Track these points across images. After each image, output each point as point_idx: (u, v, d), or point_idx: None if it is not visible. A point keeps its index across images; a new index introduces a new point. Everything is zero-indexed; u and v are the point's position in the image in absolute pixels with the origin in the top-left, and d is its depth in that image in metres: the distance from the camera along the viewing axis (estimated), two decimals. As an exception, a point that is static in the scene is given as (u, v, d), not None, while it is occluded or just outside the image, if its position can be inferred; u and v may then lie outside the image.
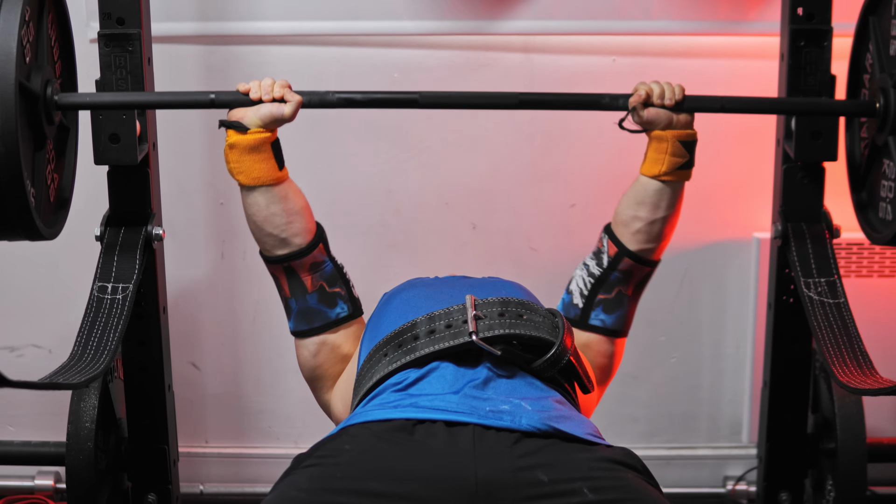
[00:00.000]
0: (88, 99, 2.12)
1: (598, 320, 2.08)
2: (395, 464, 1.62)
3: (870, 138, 2.15)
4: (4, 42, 1.82)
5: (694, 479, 2.91)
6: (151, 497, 2.48)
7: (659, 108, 2.03)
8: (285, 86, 2.02)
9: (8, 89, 1.81)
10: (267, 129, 2.00)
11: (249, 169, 2.00)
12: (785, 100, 2.35)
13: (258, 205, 2.02)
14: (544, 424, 1.70)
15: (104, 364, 2.01)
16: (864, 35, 2.18)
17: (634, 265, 2.07)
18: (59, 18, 2.09)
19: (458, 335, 1.84)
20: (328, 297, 2.06)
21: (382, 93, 2.15)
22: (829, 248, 2.30)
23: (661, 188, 2.04)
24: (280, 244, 2.03)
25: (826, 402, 2.50)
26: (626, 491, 1.61)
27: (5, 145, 1.81)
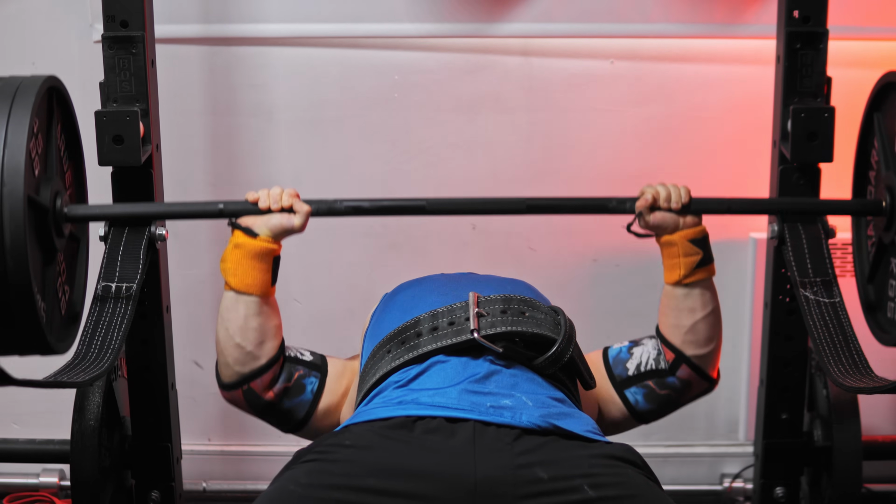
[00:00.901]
0: (98, 211, 2.09)
1: (633, 397, 2.04)
2: (395, 461, 1.62)
3: (876, 236, 2.12)
4: (13, 157, 1.78)
5: (691, 476, 2.91)
6: (155, 494, 2.48)
7: (665, 211, 2.00)
8: (293, 195, 2.00)
9: (17, 204, 1.77)
10: (275, 239, 1.98)
11: (245, 274, 1.96)
12: (792, 200, 2.30)
13: (237, 312, 1.97)
14: (544, 421, 1.70)
15: (108, 363, 2.01)
16: (869, 131, 2.17)
17: (694, 376, 2.02)
18: (67, 128, 2.06)
19: (460, 332, 1.84)
20: (295, 389, 2.03)
21: (390, 200, 2.13)
22: (824, 248, 2.29)
23: (689, 292, 2.00)
24: (244, 359, 1.99)
25: (822, 401, 2.50)
26: (627, 487, 1.60)
27: (15, 261, 1.77)
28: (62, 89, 2.02)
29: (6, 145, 1.79)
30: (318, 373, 2.04)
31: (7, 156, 1.78)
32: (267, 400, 2.00)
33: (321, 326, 2.83)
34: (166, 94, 2.44)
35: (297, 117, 2.76)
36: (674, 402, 2.05)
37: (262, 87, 2.74)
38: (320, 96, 2.74)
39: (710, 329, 2.01)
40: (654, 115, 2.76)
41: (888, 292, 2.09)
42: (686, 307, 1.99)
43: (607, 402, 2.06)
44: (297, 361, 2.04)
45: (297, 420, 2.06)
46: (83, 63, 2.67)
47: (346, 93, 2.74)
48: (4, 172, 1.77)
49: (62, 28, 2.70)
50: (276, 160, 2.76)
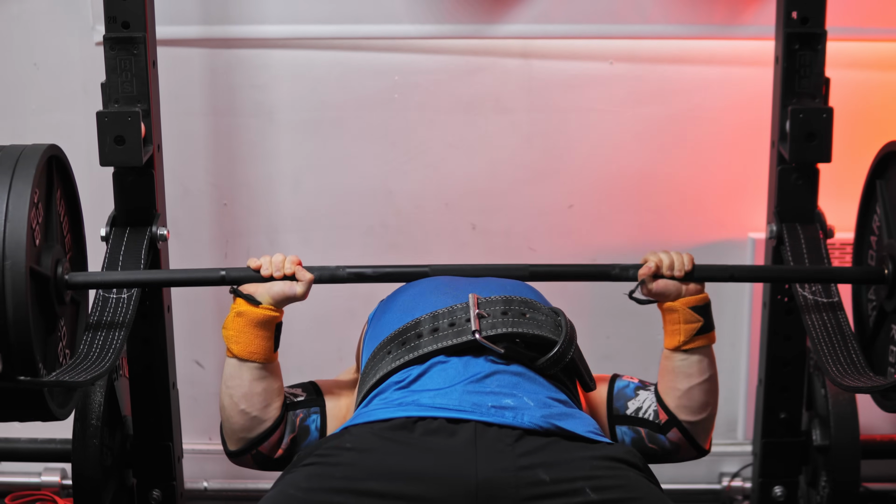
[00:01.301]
0: (98, 278, 2.08)
1: (621, 436, 2.00)
2: (396, 463, 1.61)
3: (878, 303, 2.13)
4: (14, 230, 1.79)
5: (690, 475, 2.90)
6: (156, 493, 2.48)
7: (668, 279, 1.98)
8: (296, 262, 1.97)
9: (19, 277, 1.77)
10: (277, 307, 1.96)
11: (248, 342, 1.93)
12: (793, 268, 2.27)
13: (241, 379, 1.94)
14: (546, 422, 1.69)
15: (110, 362, 2.01)
16: (871, 197, 2.17)
17: (684, 442, 1.99)
18: (67, 194, 2.06)
19: (461, 333, 1.83)
20: (302, 434, 1.98)
21: (392, 267, 2.11)
22: (822, 247, 2.29)
23: (687, 357, 1.97)
24: (250, 425, 1.95)
25: (820, 400, 2.49)
26: (629, 490, 1.60)
27: (18, 335, 1.77)
28: (62, 157, 2.03)
29: (7, 219, 1.80)
30: (317, 407, 2.00)
31: (8, 229, 1.79)
32: (278, 458, 1.97)
33: (321, 326, 2.83)
34: (167, 94, 2.44)
35: (298, 118, 2.76)
36: (658, 458, 2.01)
37: (262, 88, 2.73)
38: (321, 97, 2.74)
39: (705, 396, 1.98)
40: (653, 115, 2.76)
41: (889, 358, 2.09)
42: (683, 372, 1.97)
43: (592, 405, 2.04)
44: (294, 406, 1.99)
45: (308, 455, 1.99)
46: (85, 64, 2.67)
47: (347, 93, 2.74)
48: (6, 246, 1.78)
49: (64, 29, 2.69)
50: (277, 160, 2.76)
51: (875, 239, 2.17)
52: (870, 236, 2.20)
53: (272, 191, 2.78)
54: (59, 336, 1.99)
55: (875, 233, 2.17)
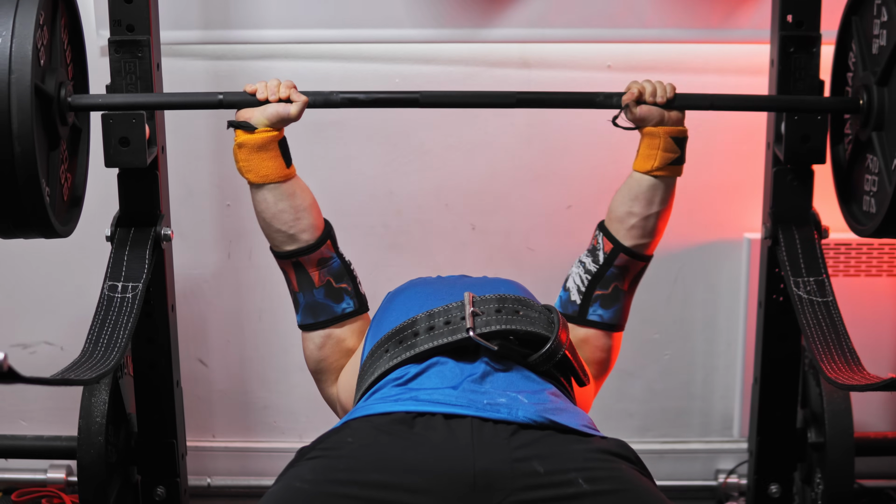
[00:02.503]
0: (100, 100, 2.13)
1: (596, 315, 2.08)
2: (396, 456, 1.62)
3: (853, 134, 2.16)
4: (21, 46, 1.82)
5: (686, 472, 2.91)
6: (160, 490, 2.48)
7: (651, 105, 2.04)
8: (290, 86, 2.03)
9: (24, 91, 1.81)
10: (274, 128, 2.01)
11: (258, 167, 2.00)
12: (771, 97, 2.35)
13: (267, 202, 2.02)
14: (540, 416, 1.70)
15: (114, 361, 2.01)
16: (847, 35, 2.20)
17: (630, 260, 2.07)
18: (71, 23, 2.09)
19: (456, 331, 1.84)
20: (335, 293, 2.06)
21: (385, 92, 2.17)
22: (817, 248, 2.30)
23: (655, 183, 2.04)
24: (288, 240, 2.04)
25: (815, 398, 2.50)
26: (621, 482, 1.61)
27: (22, 146, 1.81)
28: None
29: (14, 35, 1.82)
30: (358, 304, 2.08)
31: (15, 45, 1.82)
32: (310, 277, 2.05)
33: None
34: (171, 97, 2.44)
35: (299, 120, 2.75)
36: (623, 290, 2.08)
37: (265, 91, 2.73)
38: (323, 99, 2.74)
39: (659, 223, 2.06)
40: (651, 117, 2.76)
41: (864, 186, 2.12)
42: (646, 197, 2.04)
43: (588, 340, 2.08)
44: (351, 278, 2.08)
45: (315, 321, 2.07)
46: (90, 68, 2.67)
47: (348, 96, 2.74)
48: (13, 60, 1.81)
49: (69, 32, 2.69)
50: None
51: (851, 76, 2.19)
52: (846, 73, 2.22)
53: (275, 192, 2.78)
54: (61, 158, 2.01)
55: (851, 69, 2.19)
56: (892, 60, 1.99)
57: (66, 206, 2.06)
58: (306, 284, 2.06)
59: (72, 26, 2.10)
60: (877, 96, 2.04)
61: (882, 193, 2.02)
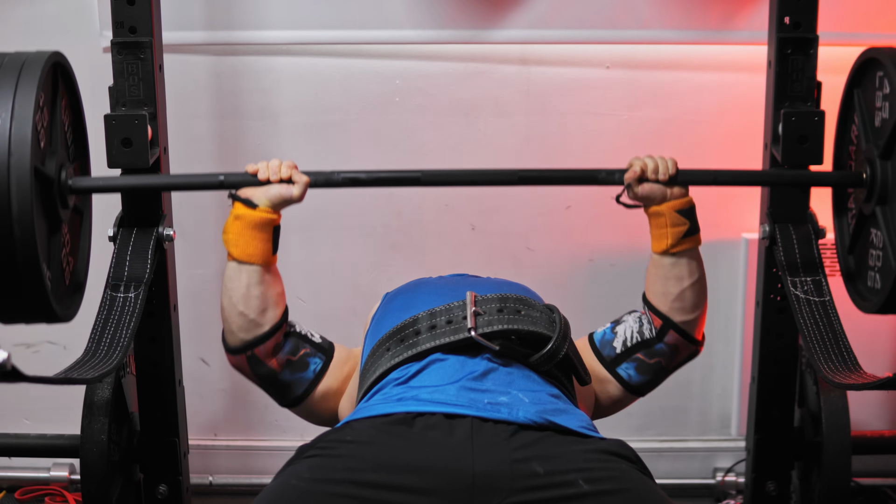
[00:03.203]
0: (102, 183, 2.08)
1: (625, 373, 2.05)
2: (395, 456, 1.62)
3: (857, 208, 2.13)
4: (20, 128, 1.77)
5: (685, 470, 2.91)
6: (162, 488, 2.48)
7: (653, 182, 2.00)
8: (292, 166, 1.99)
9: (24, 174, 1.76)
10: (275, 209, 1.98)
11: (246, 245, 1.96)
12: (777, 172, 2.30)
13: (239, 281, 1.97)
14: (540, 417, 1.70)
15: (117, 360, 2.01)
16: (850, 108, 2.16)
17: (681, 341, 2.03)
18: (71, 103, 2.05)
19: (457, 330, 1.84)
20: (298, 364, 2.02)
21: (386, 172, 2.09)
22: (814, 248, 2.29)
23: (676, 261, 2.00)
24: (247, 326, 1.98)
25: (812, 397, 2.50)
26: (621, 481, 1.61)
27: (22, 230, 1.76)
28: (66, 65, 2.01)
29: (13, 117, 1.78)
30: (324, 355, 2.04)
31: (14, 127, 1.78)
32: (269, 368, 2.00)
33: (325, 324, 2.81)
34: (173, 98, 2.44)
35: (301, 121, 2.76)
36: (664, 368, 2.05)
37: (266, 92, 2.74)
38: (323, 100, 2.75)
39: (696, 296, 2.02)
40: (649, 118, 2.76)
41: (868, 262, 2.09)
42: (674, 275, 2.00)
43: (603, 382, 2.06)
44: (305, 339, 2.03)
45: (295, 396, 2.04)
46: (92, 68, 2.67)
47: (349, 97, 2.74)
48: (12, 143, 1.77)
49: (72, 34, 2.70)
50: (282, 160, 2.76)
51: (854, 149, 2.17)
52: (849, 146, 2.19)
53: (276, 192, 2.78)
54: (62, 242, 1.97)
55: (853, 142, 2.17)
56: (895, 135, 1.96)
57: (69, 290, 2.01)
58: (267, 375, 2.01)
59: (72, 107, 2.06)
60: (880, 170, 1.99)
61: (886, 269, 1.99)
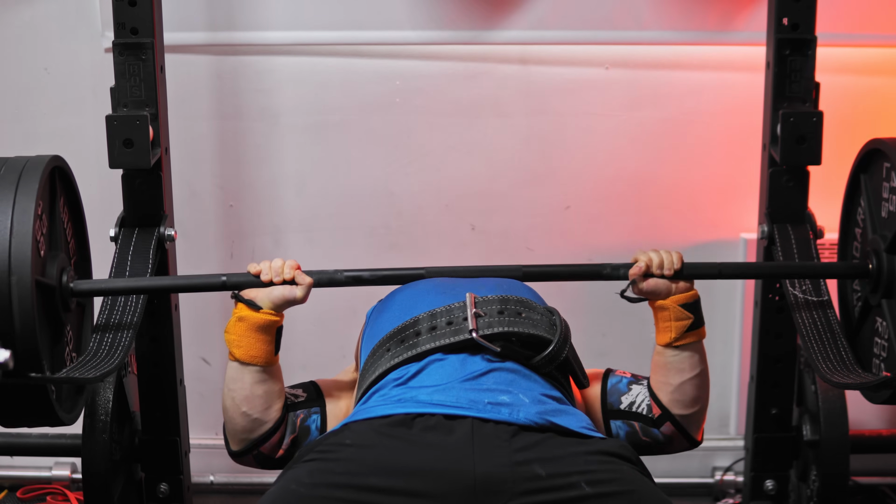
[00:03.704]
0: (103, 285, 2.08)
1: (616, 430, 2.01)
2: (395, 459, 1.62)
3: (863, 295, 2.13)
4: (19, 246, 1.78)
5: (684, 469, 2.91)
6: (163, 487, 2.48)
7: (658, 277, 1.98)
8: (295, 267, 1.98)
9: (26, 291, 1.77)
10: (277, 311, 1.96)
11: (250, 346, 1.93)
12: (783, 264, 2.29)
13: (243, 381, 1.94)
14: (541, 418, 1.69)
15: (118, 359, 2.01)
16: (856, 191, 2.18)
17: (677, 435, 2.00)
18: (70, 200, 2.06)
19: (458, 332, 1.83)
20: (302, 435, 1.98)
21: (389, 269, 2.10)
22: (813, 247, 2.30)
23: (679, 354, 1.98)
24: (251, 426, 1.95)
25: (810, 396, 2.50)
26: (623, 483, 1.60)
27: (26, 345, 1.77)
28: (64, 167, 2.02)
29: (13, 234, 1.78)
30: (318, 407, 2.01)
31: (14, 245, 1.78)
32: (279, 458, 1.98)
33: (324, 324, 2.84)
34: (175, 99, 2.45)
35: (302, 121, 2.76)
36: (651, 450, 2.02)
37: (267, 93, 2.74)
38: (324, 101, 2.74)
39: (696, 390, 1.99)
40: (648, 119, 2.76)
41: (874, 350, 2.09)
42: (675, 368, 1.98)
43: (592, 406, 2.04)
44: (295, 407, 2.00)
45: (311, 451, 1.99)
46: (94, 69, 2.67)
47: (350, 97, 2.74)
48: (12, 262, 1.77)
49: (74, 35, 2.70)
50: (282, 163, 2.76)
51: (860, 232, 2.18)
52: (854, 229, 2.21)
53: (277, 192, 2.78)
54: (65, 342, 1.99)
55: (860, 225, 2.18)
56: None
57: (72, 392, 2.02)
58: (281, 461, 1.97)
59: (71, 203, 2.06)
60: (886, 264, 2.00)
61: (892, 362, 2.00)
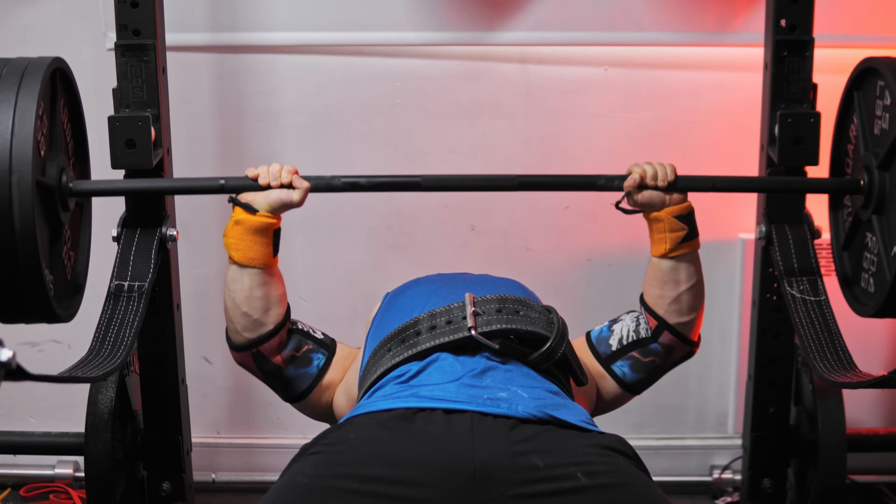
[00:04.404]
0: (102, 186, 2.09)
1: (620, 370, 2.06)
2: (397, 450, 1.63)
3: (853, 212, 2.14)
4: (21, 145, 1.78)
5: (682, 467, 2.91)
6: (166, 485, 2.48)
7: (652, 189, 2.01)
8: (292, 171, 2.00)
9: (26, 190, 1.78)
10: (275, 214, 1.98)
11: (247, 249, 1.97)
12: (776, 178, 2.31)
13: (242, 283, 1.98)
14: (540, 411, 1.70)
15: (121, 358, 2.01)
16: (849, 108, 2.18)
17: (676, 342, 2.04)
18: (70, 100, 2.06)
19: (457, 330, 1.84)
20: (302, 360, 2.04)
21: (386, 177, 2.11)
22: (810, 248, 2.30)
23: (675, 265, 2.01)
24: (251, 326, 2.00)
25: (808, 395, 2.50)
26: (618, 476, 1.61)
27: (25, 245, 1.78)
28: (66, 69, 2.02)
29: (14, 134, 1.79)
30: (326, 351, 2.06)
31: (15, 145, 1.79)
32: (274, 364, 2.02)
33: (326, 324, 2.82)
34: (177, 99, 2.45)
35: (303, 122, 2.76)
36: (658, 367, 2.06)
37: (269, 94, 2.74)
38: (325, 102, 2.75)
39: (693, 299, 2.03)
40: (647, 120, 2.76)
41: (863, 265, 2.10)
42: (671, 279, 2.01)
43: (599, 379, 2.07)
44: (308, 336, 2.06)
45: (300, 391, 2.06)
46: (97, 70, 2.67)
47: (350, 98, 2.74)
48: (13, 162, 1.78)
49: (77, 36, 2.70)
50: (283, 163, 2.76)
51: (852, 148, 2.18)
52: (846, 146, 2.21)
53: (278, 193, 2.78)
54: (63, 242, 1.99)
55: (852, 142, 2.18)
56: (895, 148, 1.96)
57: (69, 291, 2.04)
58: (272, 371, 2.03)
59: (71, 103, 2.07)
60: (878, 180, 2.01)
61: (881, 277, 2.01)
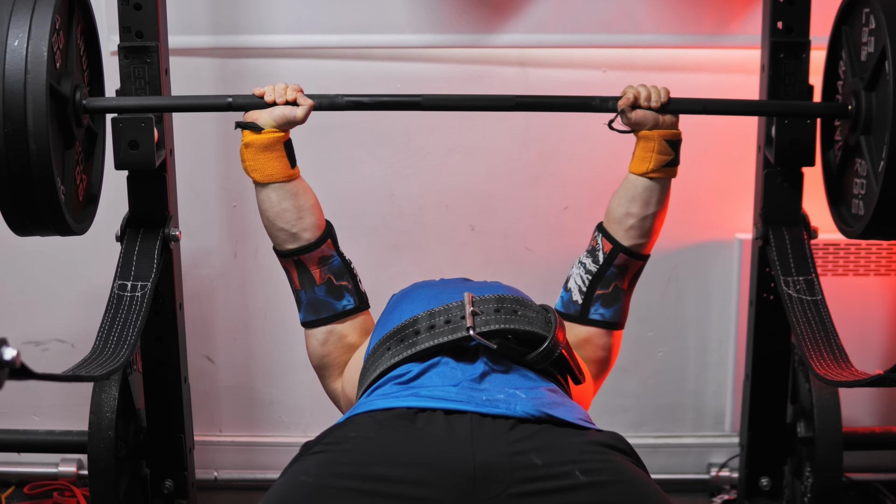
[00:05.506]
0: (115, 102, 2.15)
1: (597, 314, 2.08)
2: (398, 450, 1.63)
3: (843, 139, 2.17)
4: (36, 47, 1.83)
5: (680, 465, 2.91)
6: (168, 483, 2.49)
7: (646, 109, 2.05)
8: (298, 90, 2.05)
9: (40, 91, 1.82)
10: (280, 129, 2.02)
11: (263, 167, 2.01)
12: (764, 102, 2.36)
13: (270, 200, 2.03)
14: (538, 411, 1.70)
15: (124, 358, 2.02)
16: (838, 44, 2.21)
17: (629, 260, 2.08)
18: (87, 30, 2.09)
19: (456, 330, 1.84)
20: (335, 290, 2.07)
21: (388, 96, 2.18)
22: (807, 248, 2.30)
23: (650, 185, 2.05)
24: (290, 238, 2.05)
25: (804, 394, 2.50)
26: (616, 473, 1.61)
27: (38, 144, 1.82)
28: None
29: (31, 37, 1.83)
30: (359, 301, 2.09)
31: (31, 46, 1.83)
32: (312, 276, 2.06)
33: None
34: (179, 101, 2.45)
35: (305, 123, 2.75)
36: (621, 289, 2.09)
37: (270, 95, 2.74)
38: (326, 104, 2.74)
39: (656, 223, 2.07)
40: (645, 121, 2.76)
41: (853, 190, 2.13)
42: (643, 199, 2.05)
43: (589, 340, 2.09)
44: (352, 277, 2.08)
45: (318, 318, 2.08)
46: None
47: (351, 100, 2.74)
48: (28, 61, 1.82)
49: (80, 38, 2.70)
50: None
51: (841, 84, 2.21)
52: (837, 81, 2.23)
53: (280, 193, 2.78)
54: (76, 159, 2.02)
55: (841, 78, 2.21)
56: (880, 66, 2.00)
57: (82, 204, 2.07)
58: (308, 282, 2.07)
59: (88, 33, 2.10)
60: (864, 101, 2.04)
61: (869, 196, 2.03)
